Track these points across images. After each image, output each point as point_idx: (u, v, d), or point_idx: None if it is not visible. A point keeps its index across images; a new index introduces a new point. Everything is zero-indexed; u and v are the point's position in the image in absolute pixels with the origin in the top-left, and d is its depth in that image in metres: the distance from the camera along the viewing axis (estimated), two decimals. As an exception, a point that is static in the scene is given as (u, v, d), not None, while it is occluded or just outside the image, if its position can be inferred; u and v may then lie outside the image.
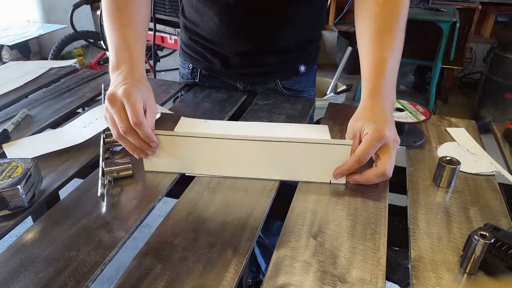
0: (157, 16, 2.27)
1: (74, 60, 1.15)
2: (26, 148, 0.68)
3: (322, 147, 0.58)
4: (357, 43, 0.71)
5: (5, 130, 0.73)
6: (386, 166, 0.56)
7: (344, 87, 2.81)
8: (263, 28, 0.85)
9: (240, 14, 0.82)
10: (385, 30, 0.65)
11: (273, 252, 0.48)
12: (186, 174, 0.63)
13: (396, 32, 0.65)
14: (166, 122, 0.78)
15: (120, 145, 0.70)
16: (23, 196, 0.51)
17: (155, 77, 2.20)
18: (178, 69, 1.05)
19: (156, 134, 0.59)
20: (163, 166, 0.62)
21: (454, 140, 0.74)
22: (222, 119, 0.80)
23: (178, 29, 2.17)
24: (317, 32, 0.94)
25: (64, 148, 0.68)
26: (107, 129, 0.70)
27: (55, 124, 0.79)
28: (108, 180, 0.58)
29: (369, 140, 0.56)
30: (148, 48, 2.49)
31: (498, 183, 0.62)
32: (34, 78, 1.01)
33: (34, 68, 1.06)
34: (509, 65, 2.46)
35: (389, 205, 0.57)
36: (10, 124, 0.76)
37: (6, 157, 0.65)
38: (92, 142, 0.71)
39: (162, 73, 3.46)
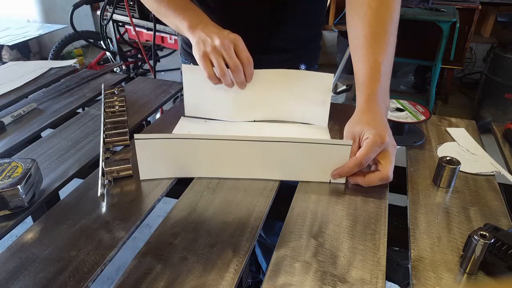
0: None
1: (74, 60, 1.14)
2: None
3: (321, 147, 0.58)
4: (350, 46, 0.71)
5: (0, 122, 0.75)
6: (388, 170, 0.57)
7: (344, 87, 2.81)
8: (263, 27, 0.85)
9: (240, 12, 0.82)
10: (379, 35, 0.66)
11: (273, 252, 0.48)
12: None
13: (389, 36, 0.66)
14: (165, 122, 0.78)
15: (120, 145, 0.70)
16: (23, 196, 0.51)
17: (155, 77, 2.20)
18: (178, 69, 1.05)
19: (148, 139, 0.58)
20: (160, 173, 0.61)
21: (454, 140, 0.74)
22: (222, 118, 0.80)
23: (178, 29, 2.17)
24: (317, 31, 0.94)
25: (64, 148, 0.68)
26: (107, 129, 0.71)
27: (55, 125, 0.79)
28: (108, 180, 0.58)
29: (371, 144, 0.57)
30: (148, 48, 2.50)
31: (498, 183, 0.62)
32: (34, 78, 1.01)
33: (34, 68, 1.06)
34: (509, 65, 2.46)
35: (389, 205, 0.57)
36: (9, 117, 0.76)
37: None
38: (92, 142, 0.71)
39: (162, 73, 3.46)
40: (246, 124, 0.78)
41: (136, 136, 0.57)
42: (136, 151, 0.58)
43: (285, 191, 0.60)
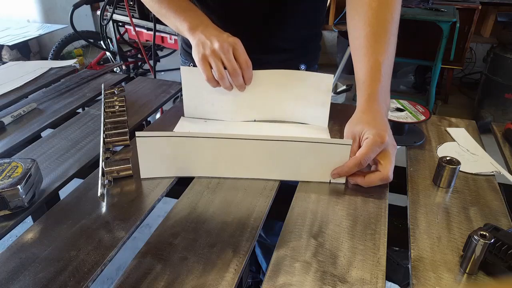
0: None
1: (74, 60, 1.14)
2: None
3: (321, 146, 0.58)
4: (351, 46, 0.71)
5: (0, 122, 0.75)
6: (388, 170, 0.57)
7: (344, 87, 2.81)
8: (263, 27, 0.85)
9: (239, 12, 0.82)
10: (380, 34, 0.66)
11: (273, 252, 0.48)
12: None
13: (390, 36, 0.66)
14: (165, 122, 0.78)
15: (120, 145, 0.70)
16: (23, 196, 0.51)
17: (155, 77, 2.20)
18: (178, 69, 1.05)
19: (150, 137, 0.58)
20: (161, 171, 0.61)
21: (454, 140, 0.74)
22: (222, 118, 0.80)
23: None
24: (317, 31, 0.94)
25: (64, 148, 0.68)
26: (107, 129, 0.71)
27: (55, 125, 0.79)
28: (108, 180, 0.58)
29: (371, 144, 0.57)
30: (148, 48, 2.50)
31: (498, 183, 0.62)
32: (34, 78, 1.01)
33: (34, 68, 1.06)
34: (509, 65, 2.46)
35: (389, 205, 0.57)
36: (9, 117, 0.76)
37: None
38: (92, 142, 0.71)
39: (162, 73, 3.46)
40: (246, 124, 0.78)
41: (137, 133, 0.57)
42: (137, 149, 0.58)
43: (285, 191, 0.60)
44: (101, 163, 0.60)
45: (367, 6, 0.67)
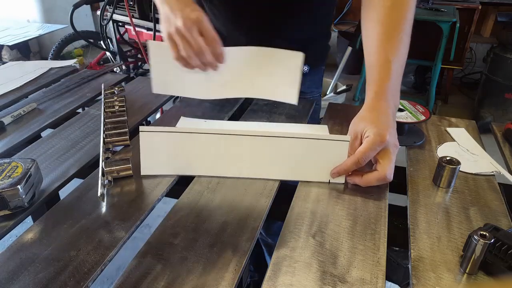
0: (157, 16, 2.27)
1: (74, 60, 1.14)
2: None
3: (320, 143, 0.58)
4: (363, 44, 0.71)
5: (0, 122, 0.75)
6: (386, 170, 0.57)
7: (344, 87, 2.81)
8: (265, 26, 0.85)
9: (242, 11, 0.82)
10: (392, 33, 0.65)
11: (273, 252, 0.48)
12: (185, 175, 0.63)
13: (402, 36, 0.66)
14: (165, 122, 0.78)
15: (120, 145, 0.70)
16: (23, 196, 0.51)
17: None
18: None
19: (153, 131, 0.59)
20: (161, 169, 0.61)
21: (454, 140, 0.74)
22: (222, 119, 0.80)
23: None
24: (324, 31, 0.94)
25: (64, 148, 0.68)
26: (107, 129, 0.71)
27: (55, 125, 0.79)
28: (108, 180, 0.58)
29: (370, 143, 0.57)
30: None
31: (498, 183, 0.62)
32: (34, 78, 1.01)
33: (34, 68, 1.06)
34: (509, 65, 2.46)
35: (389, 205, 0.57)
36: (9, 117, 0.77)
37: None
38: (92, 142, 0.71)
39: (162, 73, 3.46)
40: (246, 124, 0.78)
41: (141, 128, 0.58)
42: (140, 144, 0.59)
43: (285, 191, 0.60)
44: (101, 163, 0.60)
45: (381, 5, 0.67)
